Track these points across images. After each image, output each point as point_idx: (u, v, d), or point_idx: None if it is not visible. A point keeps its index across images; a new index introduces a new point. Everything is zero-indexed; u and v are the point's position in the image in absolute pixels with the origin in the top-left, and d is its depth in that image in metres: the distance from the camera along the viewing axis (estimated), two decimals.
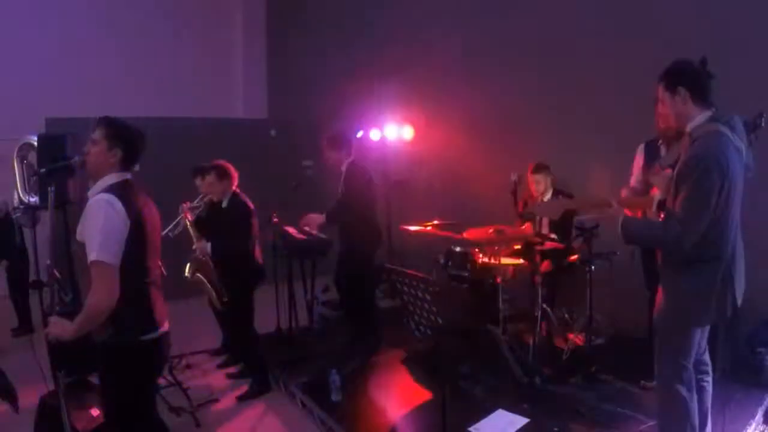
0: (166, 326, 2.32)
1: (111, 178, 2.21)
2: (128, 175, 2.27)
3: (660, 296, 2.44)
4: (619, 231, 2.36)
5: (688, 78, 2.29)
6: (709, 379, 2.57)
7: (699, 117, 2.27)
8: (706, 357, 2.57)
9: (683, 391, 2.38)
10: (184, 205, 4.36)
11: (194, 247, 4.20)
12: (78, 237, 2.14)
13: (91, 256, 2.04)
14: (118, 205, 2.11)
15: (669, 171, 2.48)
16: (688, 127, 2.30)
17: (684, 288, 2.33)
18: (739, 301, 2.31)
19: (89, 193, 2.22)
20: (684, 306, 2.34)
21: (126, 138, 2.23)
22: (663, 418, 2.50)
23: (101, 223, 2.06)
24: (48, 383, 3.24)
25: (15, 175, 3.96)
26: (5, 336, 5.34)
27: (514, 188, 4.32)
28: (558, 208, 2.97)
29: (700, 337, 2.46)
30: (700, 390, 2.53)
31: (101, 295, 2.04)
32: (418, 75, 6.25)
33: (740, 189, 2.29)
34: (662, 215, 2.42)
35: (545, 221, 4.36)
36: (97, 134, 2.20)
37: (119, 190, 2.16)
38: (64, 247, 3.45)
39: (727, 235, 2.26)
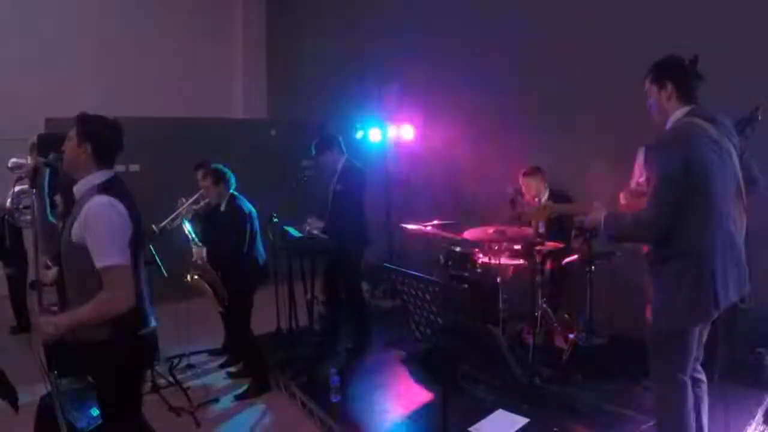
0: (153, 321, 2.31)
1: (97, 177, 2.17)
2: (113, 173, 2.22)
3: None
4: (602, 229, 2.33)
5: (677, 74, 2.29)
6: (704, 386, 2.48)
7: (678, 112, 2.28)
8: (698, 366, 2.48)
9: (681, 404, 2.31)
10: (183, 199, 4.36)
11: (193, 251, 4.20)
12: (74, 238, 2.08)
13: (107, 260, 2.02)
14: (121, 206, 2.10)
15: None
16: (669, 123, 2.30)
17: (663, 287, 2.26)
18: (725, 303, 2.20)
19: (75, 190, 2.20)
20: (664, 307, 2.26)
21: (95, 134, 2.17)
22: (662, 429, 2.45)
23: (112, 227, 2.05)
24: (47, 383, 3.23)
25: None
26: (5, 335, 5.34)
27: (511, 198, 4.28)
28: (542, 213, 2.96)
29: (697, 346, 2.37)
30: (697, 400, 2.43)
31: (123, 296, 2.04)
32: (419, 75, 6.24)
33: (725, 184, 2.21)
34: None
35: (542, 223, 4.35)
36: (72, 131, 2.19)
37: (114, 190, 2.14)
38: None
39: (702, 228, 2.17)
